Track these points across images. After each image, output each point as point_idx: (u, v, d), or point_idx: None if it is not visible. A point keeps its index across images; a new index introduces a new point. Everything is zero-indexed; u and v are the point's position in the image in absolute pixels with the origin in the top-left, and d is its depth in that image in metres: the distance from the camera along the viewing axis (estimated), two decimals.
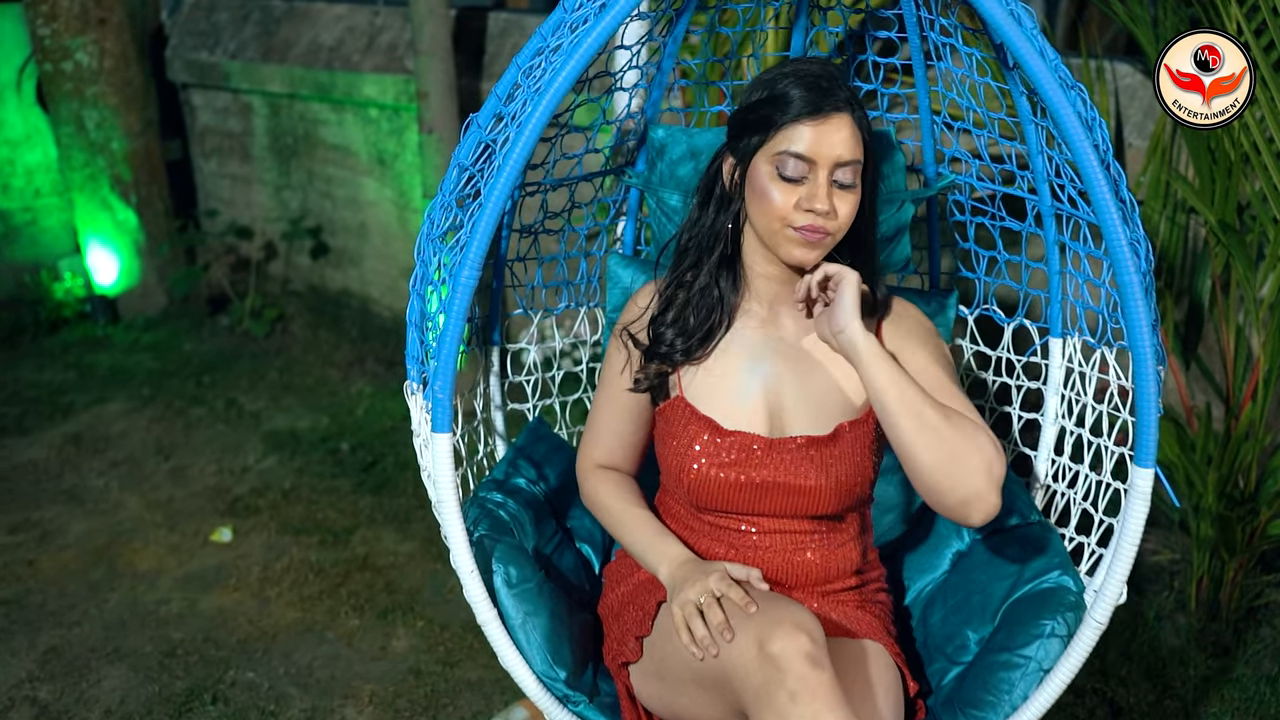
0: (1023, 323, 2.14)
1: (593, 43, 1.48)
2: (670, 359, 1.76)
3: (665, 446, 1.78)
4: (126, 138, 4.88)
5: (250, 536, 3.43)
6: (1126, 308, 1.47)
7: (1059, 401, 2.08)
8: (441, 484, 1.63)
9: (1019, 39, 1.40)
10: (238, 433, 4.12)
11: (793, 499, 1.70)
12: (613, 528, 1.82)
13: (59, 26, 4.65)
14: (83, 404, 4.36)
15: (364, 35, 4.70)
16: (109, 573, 3.24)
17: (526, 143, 1.50)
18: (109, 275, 5.07)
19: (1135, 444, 1.56)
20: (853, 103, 1.60)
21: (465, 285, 1.55)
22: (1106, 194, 1.42)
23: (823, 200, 1.58)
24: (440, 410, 1.60)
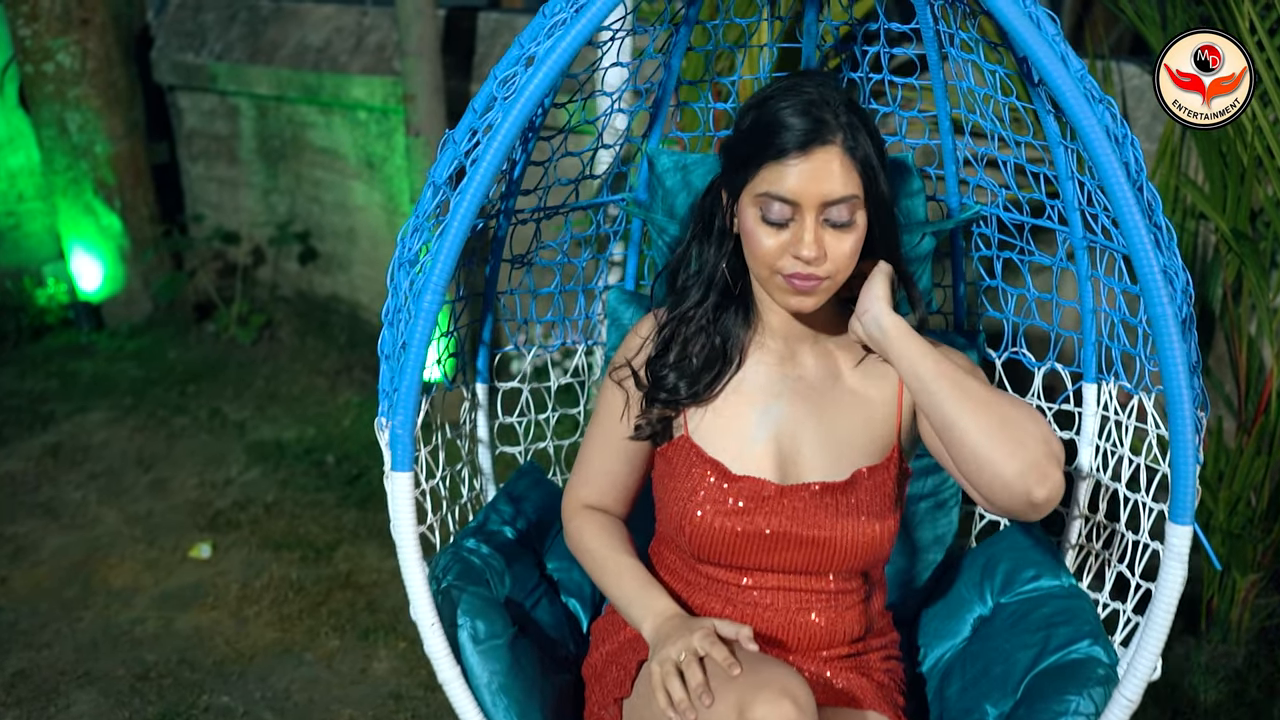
0: (1054, 367, 1.97)
1: (568, 47, 1.38)
2: (674, 403, 1.62)
3: (666, 490, 1.63)
4: (110, 141, 4.77)
5: (230, 552, 3.33)
6: (1160, 344, 1.34)
7: (1093, 454, 1.90)
8: (401, 527, 1.51)
9: (1037, 43, 1.29)
10: (221, 443, 4.02)
11: (803, 552, 1.56)
12: (596, 575, 1.67)
13: (40, 27, 4.54)
14: (63, 413, 4.25)
15: (352, 36, 4.60)
16: (83, 590, 3.14)
17: (495, 155, 1.40)
18: (93, 281, 4.97)
19: (1171, 497, 1.42)
20: (847, 128, 1.44)
21: (428, 312, 1.44)
22: (1136, 215, 1.30)
23: (809, 246, 1.44)
24: (400, 448, 1.49)
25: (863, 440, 1.60)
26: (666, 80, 2.06)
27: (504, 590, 1.73)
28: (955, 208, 2.04)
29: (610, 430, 1.69)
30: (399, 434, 1.49)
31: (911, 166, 1.98)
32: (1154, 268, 1.31)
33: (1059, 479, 1.40)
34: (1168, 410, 1.38)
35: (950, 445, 1.45)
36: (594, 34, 1.39)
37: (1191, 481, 1.39)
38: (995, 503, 1.43)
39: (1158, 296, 1.32)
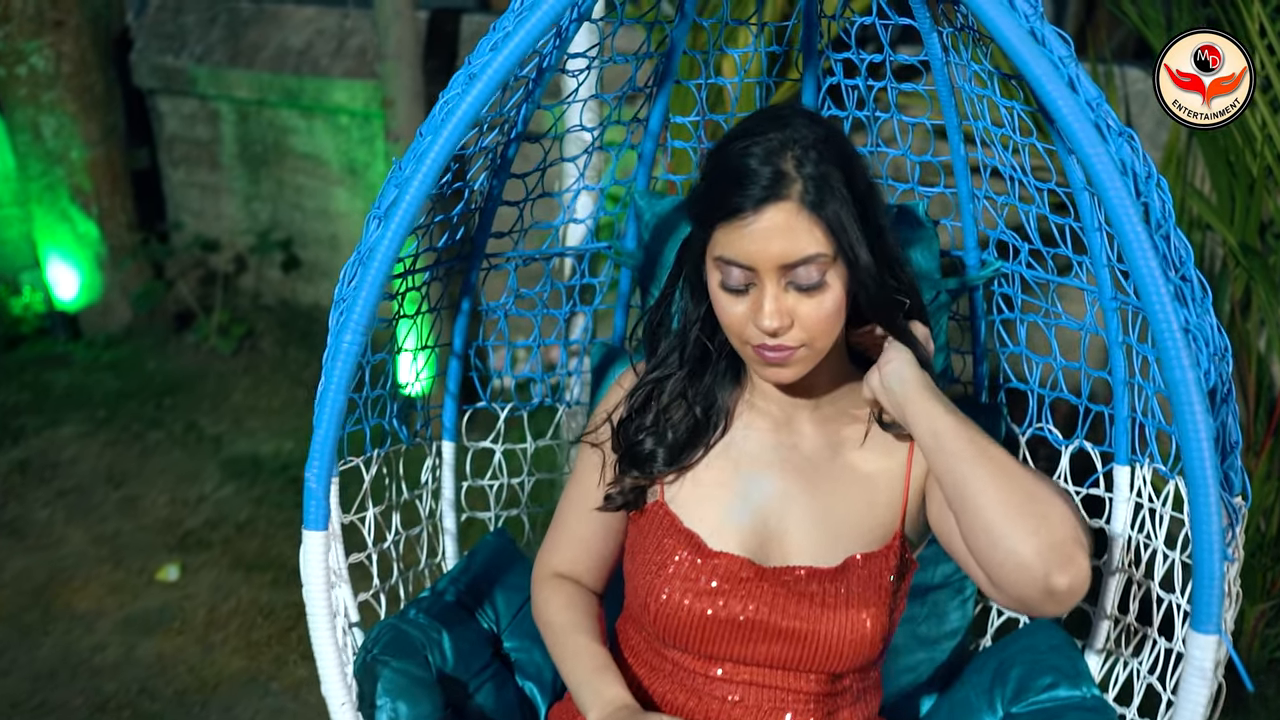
0: (1083, 445, 1.74)
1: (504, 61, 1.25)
2: (649, 470, 1.44)
3: (634, 562, 1.45)
4: (86, 146, 4.65)
5: (199, 574, 3.20)
6: (1180, 416, 1.15)
7: (1124, 546, 1.66)
8: (311, 592, 1.36)
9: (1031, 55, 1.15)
10: (195, 459, 3.90)
11: (782, 645, 1.36)
12: (553, 651, 1.49)
13: (11, 29, 4.42)
14: (34, 427, 4.13)
15: (333, 38, 4.48)
16: (44, 615, 3.02)
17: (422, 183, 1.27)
18: (70, 290, 4.84)
19: (1194, 601, 1.20)
20: (810, 178, 1.23)
21: (346, 354, 1.29)
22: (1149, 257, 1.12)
23: (770, 315, 1.26)
24: (314, 502, 1.34)
25: (860, 523, 1.40)
26: (653, 117, 1.89)
27: (446, 667, 1.55)
28: (974, 264, 1.83)
29: (584, 493, 1.51)
30: (313, 488, 1.34)
31: (924, 218, 1.80)
32: (1172, 322, 1.13)
33: (1084, 567, 1.18)
34: (1189, 496, 1.17)
35: (963, 516, 1.24)
36: (537, 42, 1.26)
37: (1218, 582, 1.17)
38: (1007, 589, 1.21)
39: (1176, 357, 1.13)
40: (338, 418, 1.32)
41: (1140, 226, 1.13)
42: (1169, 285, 1.14)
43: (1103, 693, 1.57)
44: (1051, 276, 1.70)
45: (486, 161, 1.76)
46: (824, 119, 1.31)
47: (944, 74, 1.67)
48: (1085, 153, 1.13)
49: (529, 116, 1.76)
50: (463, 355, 1.93)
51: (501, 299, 1.95)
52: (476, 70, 1.28)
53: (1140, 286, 1.14)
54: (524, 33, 1.24)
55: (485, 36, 1.37)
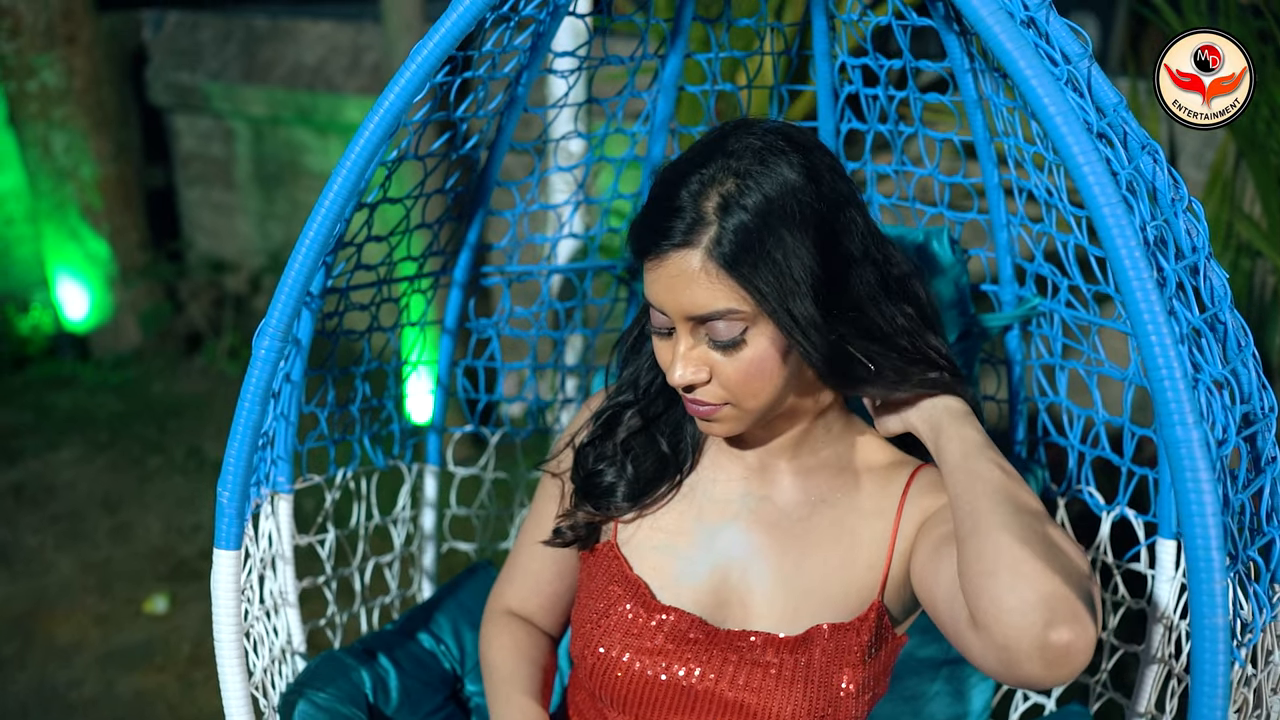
0: (1124, 513, 1.51)
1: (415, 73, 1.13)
2: (605, 505, 1.29)
3: (579, 607, 1.30)
4: (98, 163, 4.55)
5: (188, 606, 3.06)
6: (1180, 484, 0.96)
7: (1164, 633, 1.39)
8: (220, 615, 1.25)
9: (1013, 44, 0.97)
10: (194, 485, 3.77)
11: (729, 719, 1.20)
12: (489, 697, 1.35)
13: (22, 43, 4.33)
14: (33, 450, 4.01)
15: (347, 55, 4.37)
16: (23, 646, 2.88)
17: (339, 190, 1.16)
18: (79, 310, 4.74)
19: (1190, 710, 1.01)
20: (730, 227, 1.06)
21: (264, 360, 1.19)
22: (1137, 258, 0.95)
23: (677, 369, 1.12)
24: (225, 521, 1.23)
25: (832, 588, 1.22)
26: (655, 124, 1.75)
27: (388, 707, 1.42)
28: (1010, 300, 1.64)
29: (539, 525, 1.38)
30: (223, 504, 1.22)
31: (947, 246, 1.60)
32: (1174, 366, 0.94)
33: (1090, 634, 0.96)
34: (1189, 581, 0.97)
35: (970, 542, 1.03)
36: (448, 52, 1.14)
37: (1221, 690, 0.97)
38: (996, 630, 0.98)
39: (1178, 410, 0.94)
40: (252, 431, 1.20)
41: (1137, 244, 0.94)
42: (1172, 323, 0.96)
43: None
44: (1093, 318, 1.50)
45: (466, 172, 1.65)
46: (794, 145, 1.10)
47: (969, 82, 1.48)
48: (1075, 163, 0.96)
49: (513, 122, 1.64)
50: (449, 375, 1.82)
51: (494, 317, 1.83)
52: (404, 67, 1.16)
53: (1135, 324, 0.96)
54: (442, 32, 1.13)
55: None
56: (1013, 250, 1.62)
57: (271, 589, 1.43)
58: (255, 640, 1.35)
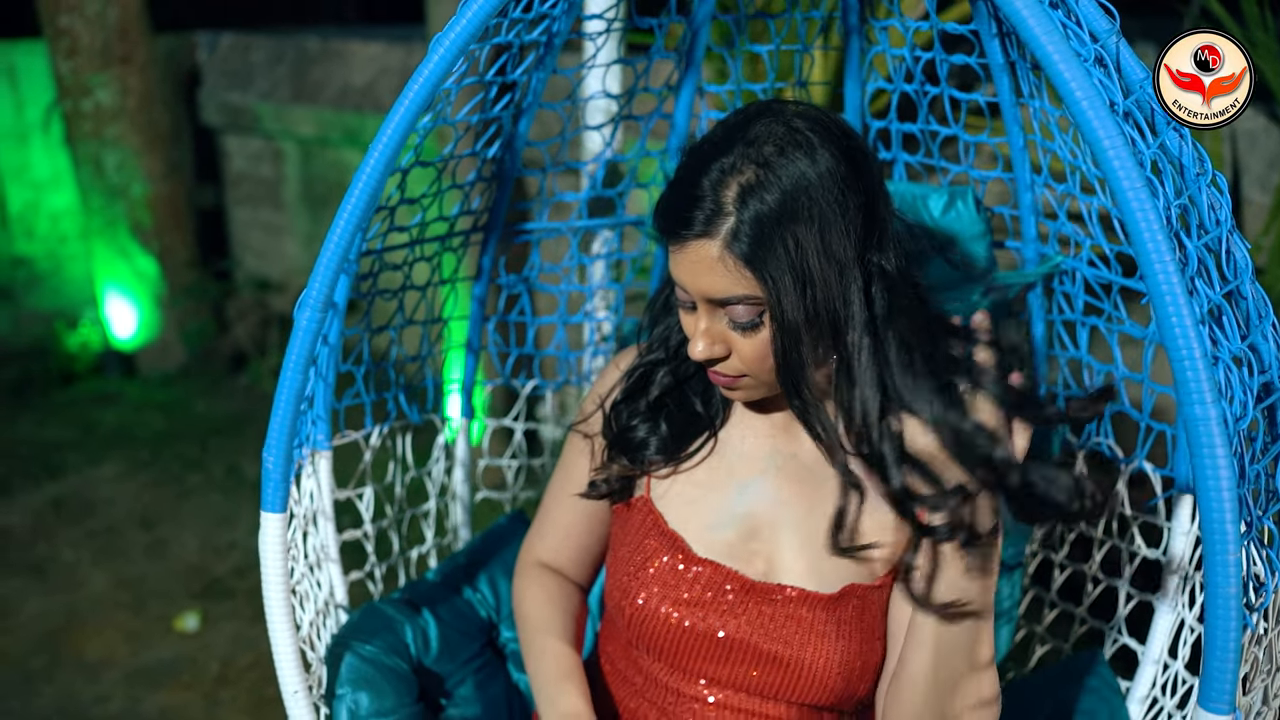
0: (1142, 467, 1.56)
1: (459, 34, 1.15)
2: (640, 458, 1.32)
3: (613, 559, 1.35)
4: (148, 182, 4.57)
5: (219, 625, 3.02)
6: (1197, 458, 0.99)
7: (1179, 583, 1.46)
8: (269, 574, 1.26)
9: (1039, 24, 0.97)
10: (232, 503, 3.74)
11: (762, 670, 1.24)
12: (523, 647, 1.41)
13: (79, 63, 4.37)
14: (75, 465, 4.02)
15: (396, 75, 4.36)
16: (51, 661, 2.86)
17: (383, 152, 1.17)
18: (127, 327, 4.75)
19: (1202, 674, 1.04)
20: (747, 220, 1.08)
21: (304, 329, 1.20)
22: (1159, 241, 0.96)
23: (698, 340, 1.16)
24: (270, 485, 1.25)
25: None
26: (684, 83, 1.76)
27: (428, 658, 1.47)
28: (1033, 258, 1.67)
29: (569, 479, 1.43)
30: (269, 469, 1.24)
31: (975, 206, 1.60)
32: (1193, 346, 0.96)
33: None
34: (1204, 552, 1.00)
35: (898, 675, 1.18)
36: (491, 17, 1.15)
37: (1233, 652, 1.00)
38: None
39: (1196, 389, 0.97)
40: (295, 397, 1.22)
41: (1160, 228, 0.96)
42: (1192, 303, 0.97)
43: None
44: (1115, 276, 1.54)
45: (495, 131, 1.67)
46: (816, 131, 1.10)
47: (996, 46, 1.50)
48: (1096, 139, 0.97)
49: (544, 83, 1.66)
50: (480, 330, 1.87)
51: (524, 272, 1.87)
52: (443, 35, 1.17)
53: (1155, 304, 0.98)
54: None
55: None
56: (1036, 209, 1.65)
57: (314, 544, 1.46)
58: (301, 596, 1.38)
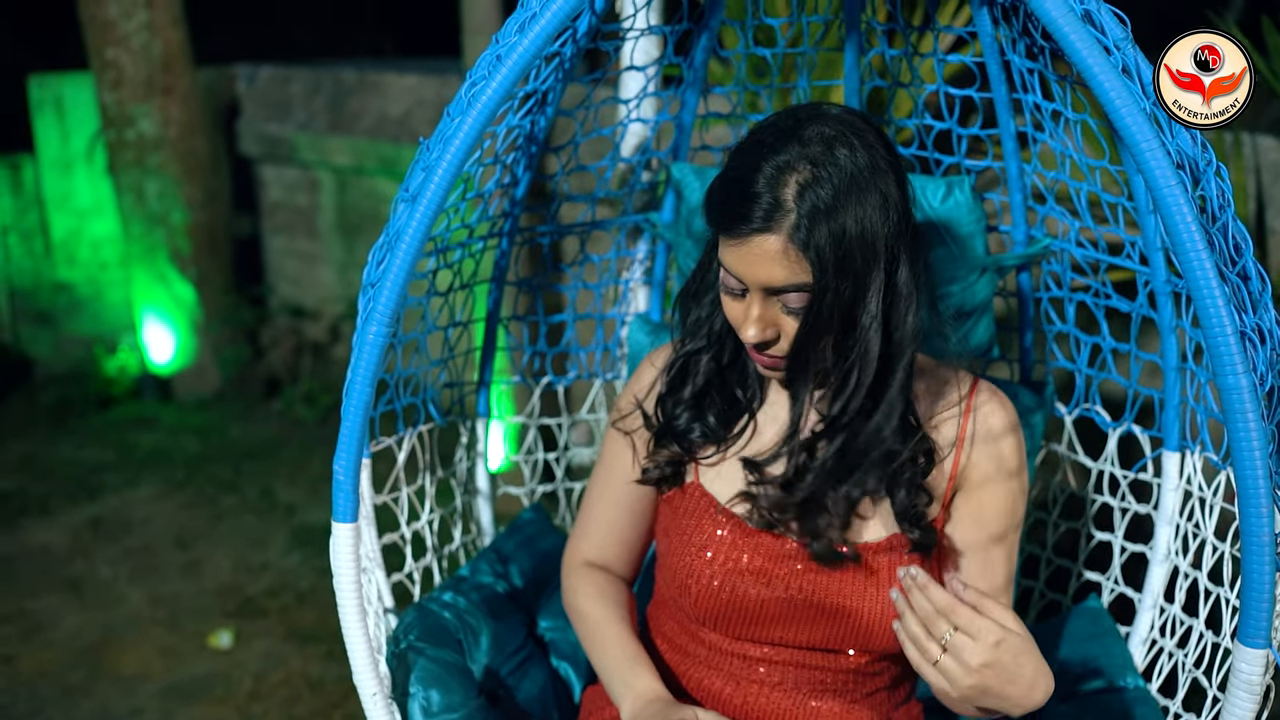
0: (1131, 429, 1.71)
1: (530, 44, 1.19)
2: (687, 443, 1.41)
3: (670, 544, 1.42)
4: (188, 210, 4.67)
5: (252, 642, 3.07)
6: (1232, 424, 1.08)
7: (1172, 534, 1.62)
8: (342, 583, 1.33)
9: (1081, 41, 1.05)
10: (266, 525, 3.80)
11: (823, 625, 1.34)
12: (584, 640, 1.48)
13: (124, 94, 4.49)
14: (113, 486, 4.09)
15: (432, 106, 4.45)
16: (89, 675, 2.91)
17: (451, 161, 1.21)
18: (164, 352, 4.84)
19: (1241, 612, 1.14)
20: (805, 214, 1.18)
21: (372, 345, 1.26)
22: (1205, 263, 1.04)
23: (750, 326, 1.25)
24: (341, 496, 1.31)
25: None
26: (690, 87, 1.85)
27: (479, 652, 1.54)
28: (1022, 240, 1.79)
29: (611, 475, 1.51)
30: (340, 480, 1.31)
31: (969, 192, 1.71)
32: (1226, 326, 1.05)
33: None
34: (1240, 505, 1.09)
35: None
36: (565, 23, 1.19)
37: (1269, 593, 1.10)
38: None
39: (1230, 363, 1.05)
40: (364, 410, 1.29)
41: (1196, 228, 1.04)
42: (1224, 289, 1.06)
43: (1146, 683, 1.56)
44: (1102, 256, 1.67)
45: (516, 138, 1.75)
46: (856, 130, 1.22)
47: (993, 46, 1.62)
48: (1139, 147, 1.05)
49: (562, 92, 1.74)
50: (494, 331, 1.93)
51: (536, 273, 1.95)
52: (503, 52, 1.22)
53: (1193, 288, 1.06)
54: (549, 15, 1.19)
55: (512, 16, 1.31)
56: (1025, 194, 1.76)
57: (362, 551, 1.50)
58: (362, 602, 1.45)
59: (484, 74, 1.26)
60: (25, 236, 5.08)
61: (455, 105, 1.34)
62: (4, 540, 3.68)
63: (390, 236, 1.35)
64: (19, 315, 5.16)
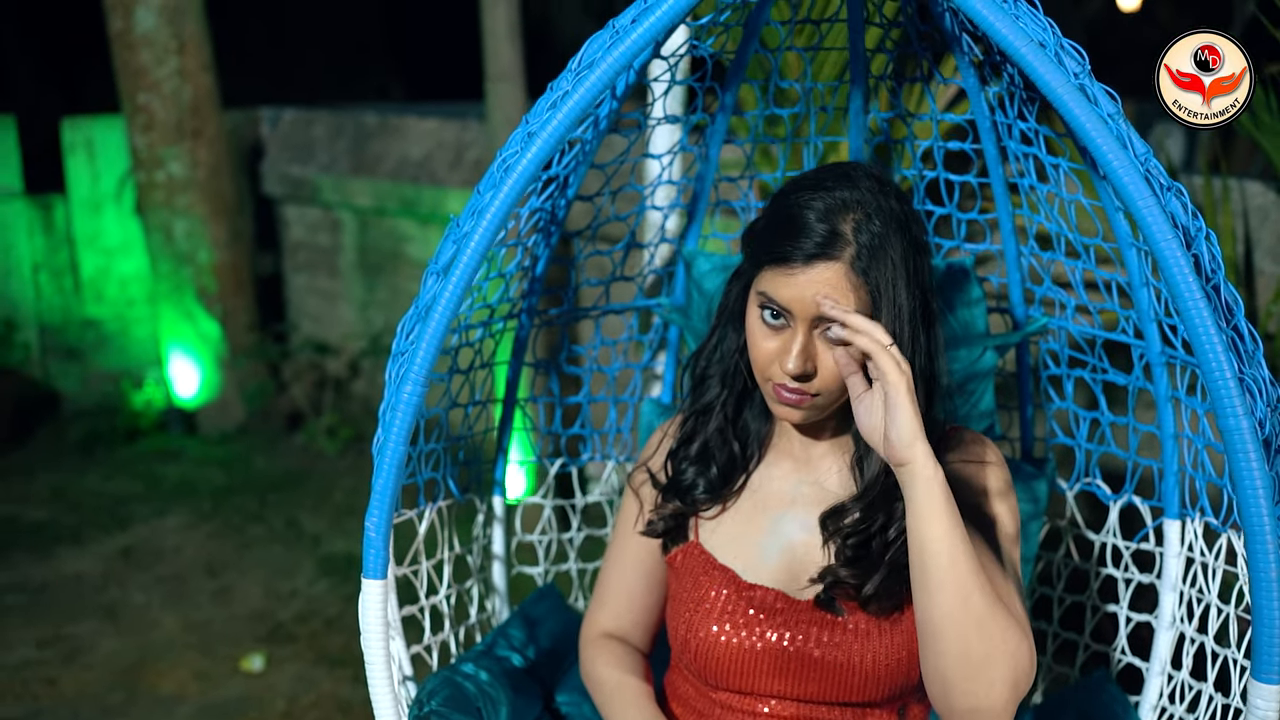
0: (1131, 500, 1.74)
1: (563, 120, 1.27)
2: (690, 499, 1.48)
3: (673, 605, 1.48)
4: (214, 249, 4.84)
5: (283, 666, 3.19)
6: (1235, 463, 1.14)
7: (1176, 601, 1.65)
8: (369, 639, 1.38)
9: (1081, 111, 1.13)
10: (292, 554, 3.93)
11: (821, 678, 1.38)
12: (602, 707, 1.52)
13: (154, 137, 4.66)
14: (142, 516, 4.22)
15: (451, 150, 4.61)
16: (128, 697, 3.03)
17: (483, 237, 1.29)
18: (190, 387, 4.99)
19: (1254, 650, 1.20)
20: (864, 246, 1.26)
21: (407, 404, 1.31)
22: (1200, 305, 1.12)
23: (794, 359, 1.29)
24: (373, 551, 1.36)
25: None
26: (704, 175, 1.93)
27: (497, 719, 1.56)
28: (1021, 319, 1.85)
29: (626, 542, 1.56)
30: (372, 537, 1.36)
31: (971, 273, 1.79)
32: (1225, 370, 1.12)
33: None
34: (1246, 543, 1.16)
35: (921, 635, 1.25)
36: (594, 102, 1.28)
37: (1276, 631, 1.16)
38: (932, 702, 1.27)
39: (1230, 405, 1.12)
40: (397, 468, 1.33)
41: (1192, 275, 1.12)
42: (1221, 335, 1.12)
43: None
44: (1098, 331, 1.71)
45: (537, 221, 1.79)
46: (890, 183, 1.32)
47: (990, 133, 1.69)
48: (1136, 205, 1.12)
49: (583, 176, 1.79)
50: (512, 410, 1.95)
51: (553, 355, 1.99)
52: (535, 129, 1.29)
53: (1192, 334, 1.13)
54: (582, 92, 1.26)
55: (543, 96, 1.38)
56: (1023, 275, 1.82)
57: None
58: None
59: (515, 150, 1.33)
60: (56, 274, 5.24)
61: (486, 181, 1.40)
62: (40, 568, 3.81)
63: (421, 308, 1.40)
64: (48, 350, 5.32)
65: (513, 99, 3.72)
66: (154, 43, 4.58)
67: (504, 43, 3.69)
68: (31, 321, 5.27)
